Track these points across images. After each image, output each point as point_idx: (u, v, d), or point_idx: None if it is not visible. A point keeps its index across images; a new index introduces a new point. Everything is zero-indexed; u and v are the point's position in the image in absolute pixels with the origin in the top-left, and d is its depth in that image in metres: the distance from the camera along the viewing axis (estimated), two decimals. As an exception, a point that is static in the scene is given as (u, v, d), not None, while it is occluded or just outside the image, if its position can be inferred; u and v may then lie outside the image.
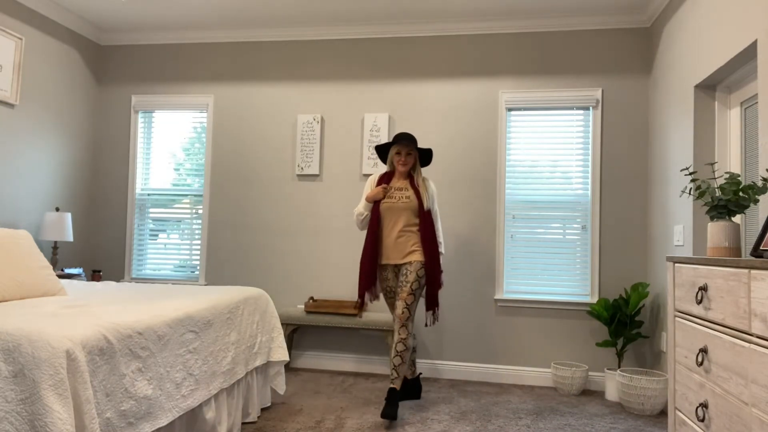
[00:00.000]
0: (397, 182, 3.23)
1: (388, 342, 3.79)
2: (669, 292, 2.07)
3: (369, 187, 3.30)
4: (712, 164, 2.13)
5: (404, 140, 3.14)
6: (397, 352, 2.99)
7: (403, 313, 3.01)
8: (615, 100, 3.89)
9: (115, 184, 4.56)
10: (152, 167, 4.55)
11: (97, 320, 1.82)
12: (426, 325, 3.24)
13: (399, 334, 2.99)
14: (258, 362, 2.90)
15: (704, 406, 1.72)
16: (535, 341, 3.90)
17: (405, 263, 3.12)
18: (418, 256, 3.11)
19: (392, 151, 3.22)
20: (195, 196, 4.46)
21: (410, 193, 3.15)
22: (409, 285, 3.05)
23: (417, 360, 4.05)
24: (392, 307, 3.27)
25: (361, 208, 3.24)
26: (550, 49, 3.99)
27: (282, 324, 3.94)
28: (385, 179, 3.26)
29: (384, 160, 3.35)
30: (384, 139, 4.14)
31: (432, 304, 3.17)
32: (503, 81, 4.04)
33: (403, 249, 3.13)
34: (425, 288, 3.14)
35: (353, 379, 3.86)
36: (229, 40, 4.42)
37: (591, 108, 3.92)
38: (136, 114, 4.55)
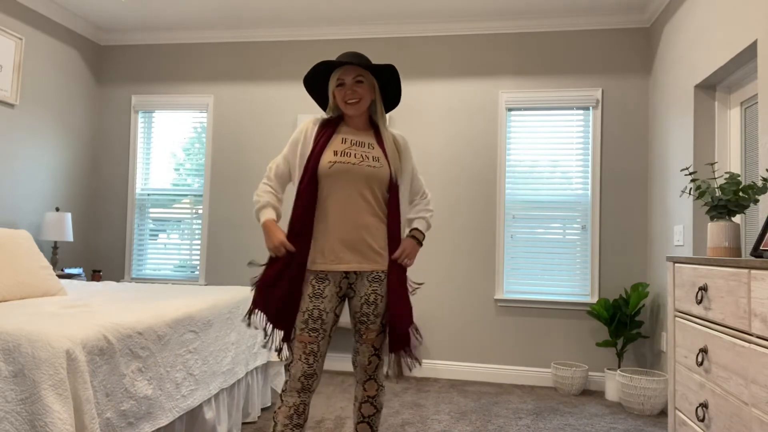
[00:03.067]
0: (355, 134, 1.96)
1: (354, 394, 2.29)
2: (669, 292, 2.07)
3: (301, 139, 1.95)
4: (712, 164, 2.13)
5: (345, 59, 1.89)
6: (363, 417, 1.99)
7: (370, 363, 1.95)
8: (615, 100, 3.89)
9: (115, 184, 4.56)
10: (152, 167, 4.55)
11: (97, 320, 1.82)
12: (387, 375, 1.99)
13: (365, 390, 1.98)
14: (258, 362, 2.90)
15: (704, 406, 1.72)
16: (535, 341, 3.90)
17: (369, 273, 1.90)
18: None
19: (332, 83, 1.93)
20: (195, 196, 4.46)
21: (379, 153, 1.94)
22: (379, 320, 1.92)
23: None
24: (305, 348, 1.84)
25: (262, 199, 1.91)
26: (550, 49, 3.99)
27: (282, 324, 3.93)
28: (330, 129, 1.94)
29: (323, 104, 2.05)
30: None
31: (399, 342, 1.88)
32: (503, 81, 4.04)
33: (366, 246, 1.88)
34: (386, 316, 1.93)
35: (353, 379, 3.86)
36: (229, 40, 4.42)
37: (591, 108, 3.92)
38: (136, 114, 4.55)
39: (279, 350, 1.91)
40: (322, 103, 2.05)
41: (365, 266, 1.89)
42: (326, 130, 1.93)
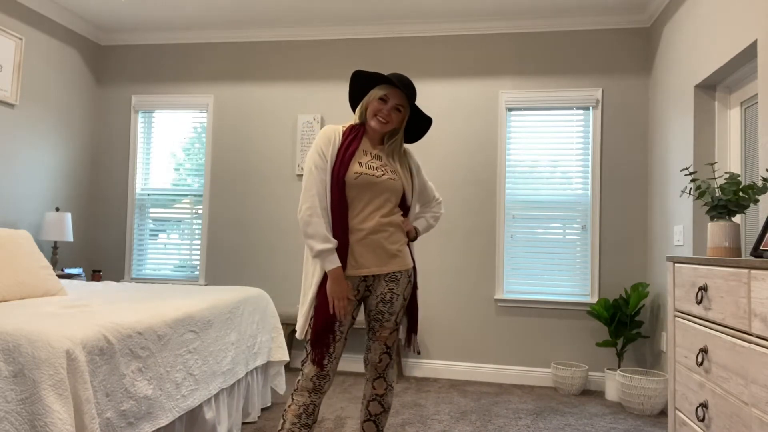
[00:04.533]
0: (371, 147, 2.05)
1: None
2: (669, 292, 2.07)
3: (325, 146, 1.96)
4: (712, 164, 2.13)
5: (399, 84, 1.96)
6: (370, 415, 2.07)
7: (381, 361, 2.04)
8: (615, 100, 3.89)
9: (115, 184, 4.56)
10: (152, 167, 4.55)
11: (97, 320, 1.82)
12: (416, 351, 2.18)
13: (374, 388, 2.06)
14: (258, 362, 2.90)
15: (704, 406, 1.72)
16: (535, 341, 3.90)
17: (387, 274, 1.98)
18: (407, 261, 2.02)
19: (374, 94, 2.01)
20: (195, 196, 4.46)
21: (392, 167, 2.04)
22: (394, 317, 2.00)
23: (417, 361, 4.05)
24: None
25: (331, 241, 1.88)
26: (550, 49, 3.99)
27: (282, 324, 3.94)
28: (354, 139, 2.01)
29: (354, 103, 2.13)
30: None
31: (413, 329, 2.12)
32: (503, 81, 4.04)
33: (385, 250, 1.97)
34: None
35: (353, 379, 3.86)
36: (229, 40, 4.42)
37: (591, 108, 3.92)
38: (136, 114, 4.55)
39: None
40: (352, 100, 2.12)
41: (384, 269, 1.97)
42: (351, 140, 2.00)
